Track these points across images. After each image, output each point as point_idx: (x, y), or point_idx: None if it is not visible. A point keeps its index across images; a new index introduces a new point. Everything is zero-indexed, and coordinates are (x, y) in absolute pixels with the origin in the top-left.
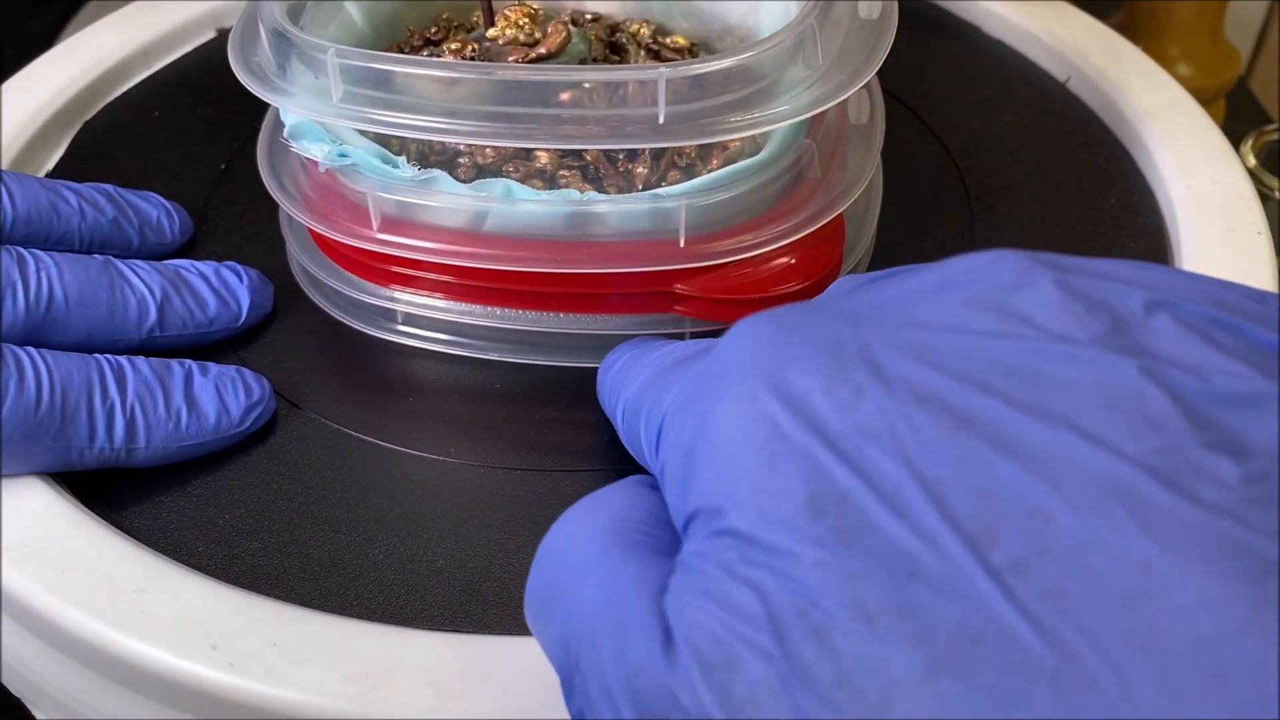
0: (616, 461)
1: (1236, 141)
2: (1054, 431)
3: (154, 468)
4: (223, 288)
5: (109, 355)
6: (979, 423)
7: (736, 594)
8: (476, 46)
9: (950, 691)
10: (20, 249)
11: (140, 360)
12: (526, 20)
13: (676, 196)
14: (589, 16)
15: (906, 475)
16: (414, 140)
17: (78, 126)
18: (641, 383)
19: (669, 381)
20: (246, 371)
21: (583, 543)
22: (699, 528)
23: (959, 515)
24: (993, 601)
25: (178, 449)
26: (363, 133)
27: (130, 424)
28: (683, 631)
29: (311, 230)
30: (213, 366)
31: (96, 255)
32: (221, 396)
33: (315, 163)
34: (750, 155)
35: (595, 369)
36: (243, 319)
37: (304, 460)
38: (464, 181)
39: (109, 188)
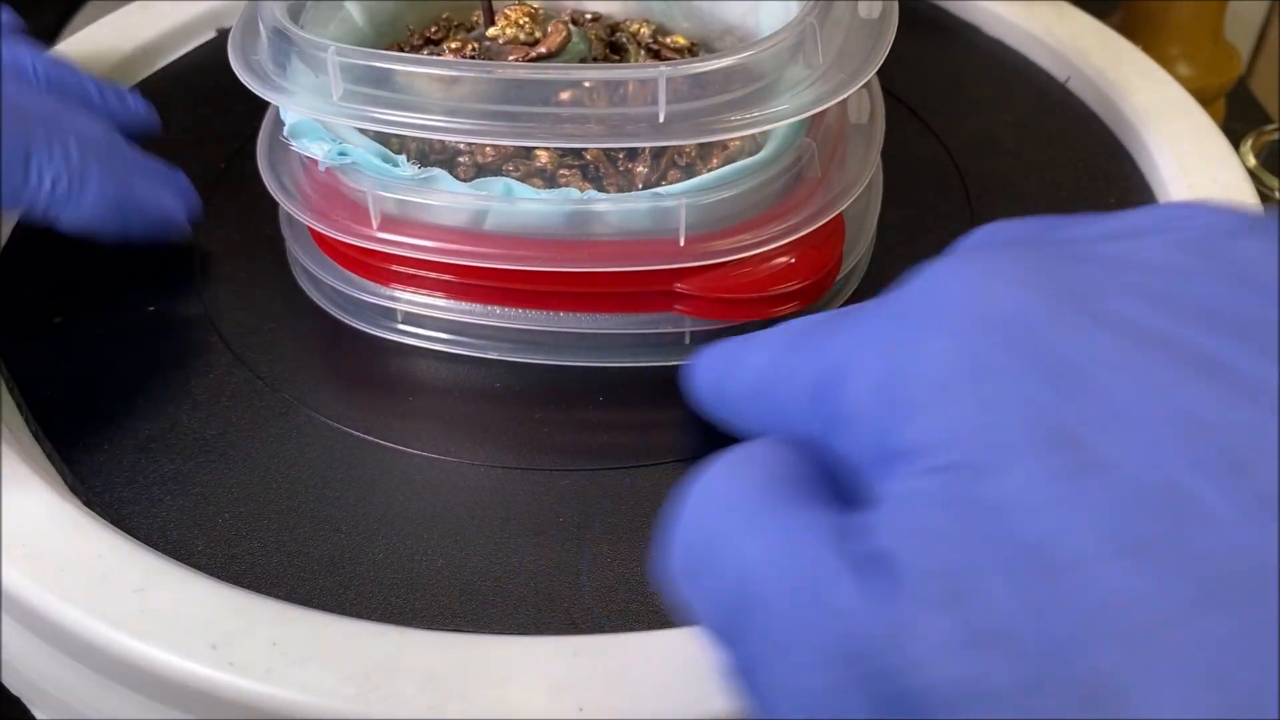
0: (617, 461)
1: (1236, 141)
2: None
3: (146, 454)
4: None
5: None
6: (1209, 362)
7: (970, 530)
8: (477, 46)
9: (1221, 624)
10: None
11: None
12: (527, 19)
13: (676, 196)
14: (589, 16)
15: (1144, 412)
16: (414, 139)
17: None
18: (780, 345)
19: (826, 335)
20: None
21: (742, 496)
22: (910, 465)
23: (1206, 450)
24: (1258, 533)
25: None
26: (363, 131)
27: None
28: (910, 568)
29: (311, 229)
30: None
31: None
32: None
33: (315, 161)
34: (750, 154)
35: (595, 368)
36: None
37: (304, 460)
38: (464, 180)
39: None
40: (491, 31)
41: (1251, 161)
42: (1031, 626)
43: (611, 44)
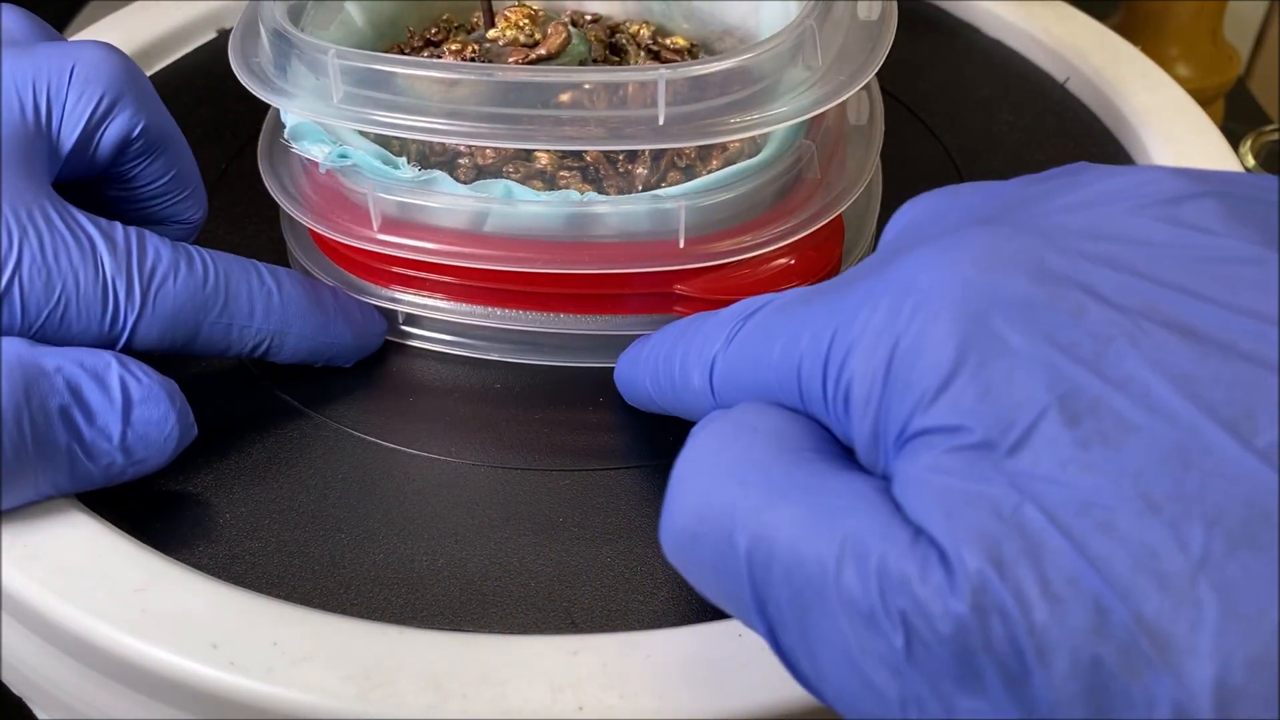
0: (617, 461)
1: (1236, 142)
2: (1269, 328)
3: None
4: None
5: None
6: (1198, 325)
7: (1008, 501)
8: (477, 47)
9: (1245, 567)
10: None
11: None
12: (527, 21)
13: (676, 197)
14: (589, 17)
15: (1153, 375)
16: (414, 141)
17: None
18: (750, 331)
19: (807, 317)
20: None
21: (760, 465)
22: (931, 444)
23: (1215, 405)
24: (1272, 478)
25: (319, 345)
26: (363, 134)
27: (286, 315)
28: (959, 538)
29: (312, 231)
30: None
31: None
32: (362, 310)
33: (316, 164)
34: (750, 156)
35: (595, 369)
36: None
37: (304, 460)
38: (464, 182)
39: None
40: (491, 33)
41: (1251, 162)
42: (1081, 587)
43: (611, 45)
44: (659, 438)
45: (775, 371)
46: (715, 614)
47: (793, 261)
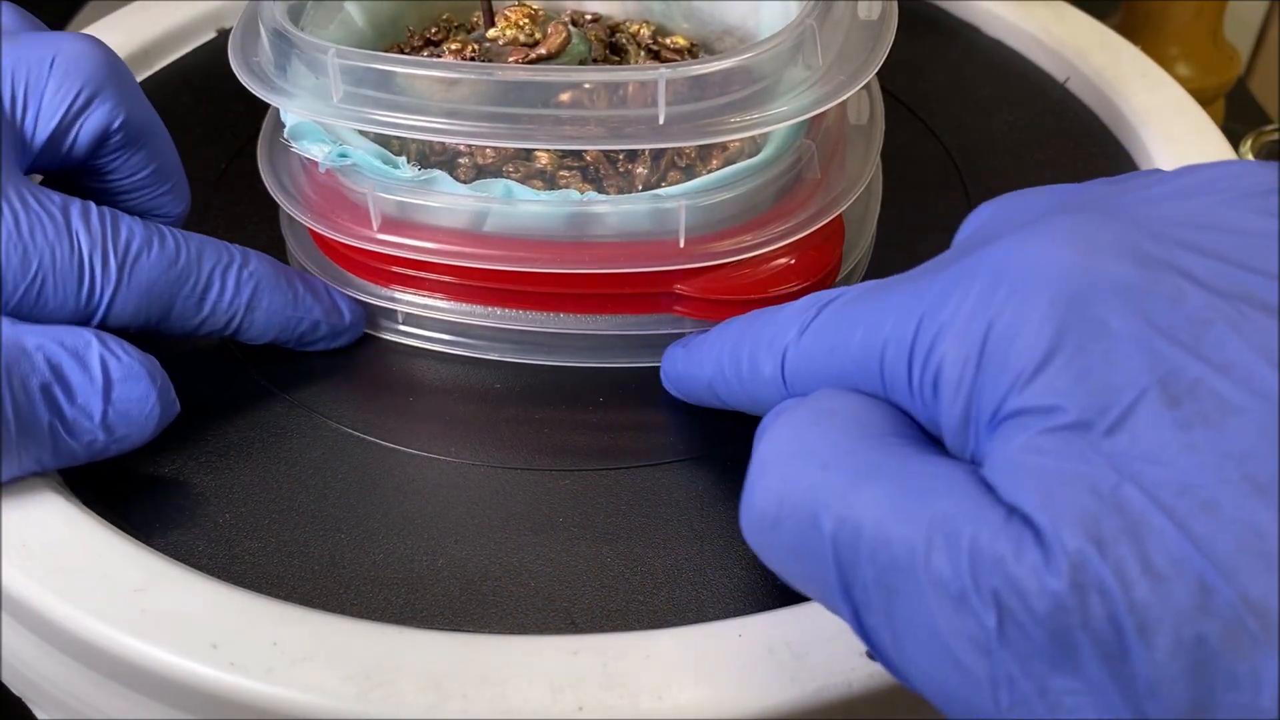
0: (617, 461)
1: (1236, 142)
2: None
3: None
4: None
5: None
6: None
7: (1107, 481)
8: (477, 47)
9: None
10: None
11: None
12: (527, 21)
13: (676, 197)
14: (589, 17)
15: (1255, 358)
16: (414, 141)
17: None
18: (826, 319)
19: (890, 304)
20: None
21: (843, 448)
22: (1026, 425)
23: None
24: None
25: (288, 321)
26: (363, 133)
27: (255, 288)
28: (1057, 517)
29: (312, 230)
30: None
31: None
32: (331, 294)
33: (315, 163)
34: (750, 156)
35: (595, 369)
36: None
37: (304, 460)
38: (464, 182)
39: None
40: (491, 33)
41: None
42: (1184, 567)
43: (611, 45)
44: (659, 438)
45: (855, 358)
46: (715, 614)
47: (793, 261)
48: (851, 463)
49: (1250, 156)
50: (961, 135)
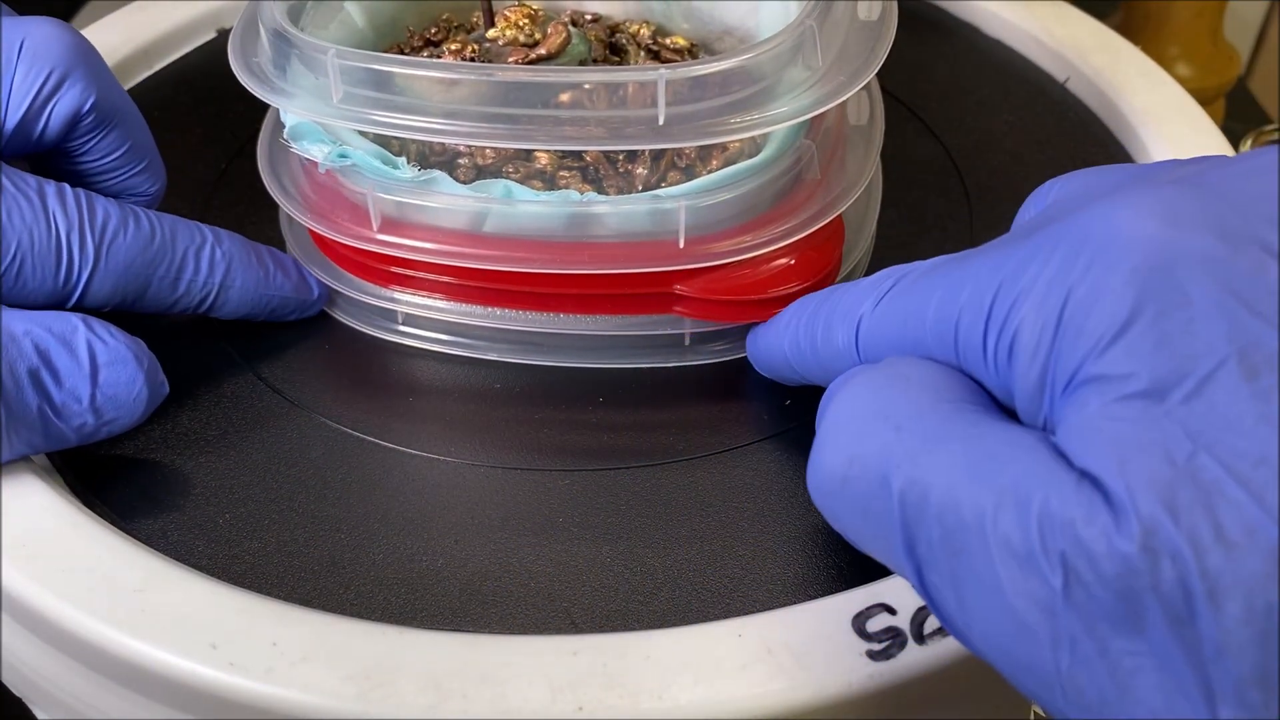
0: (617, 461)
1: (1236, 141)
2: None
3: (154, 459)
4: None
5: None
6: None
7: (1182, 449)
8: (476, 47)
9: None
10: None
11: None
12: (526, 21)
13: (676, 197)
14: (589, 17)
15: None
16: (414, 141)
17: None
18: (902, 289)
19: (967, 273)
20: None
21: (915, 411)
22: (1103, 391)
23: None
24: None
25: (260, 298)
26: (363, 133)
27: (229, 268)
28: (1131, 482)
29: (311, 231)
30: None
31: None
32: (301, 270)
33: (315, 163)
34: (750, 156)
35: (595, 369)
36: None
37: (304, 460)
38: (464, 182)
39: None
40: (491, 33)
41: None
42: (1259, 537)
43: (611, 45)
44: (659, 438)
45: (930, 327)
46: (715, 614)
47: (793, 261)
48: (923, 425)
49: None
50: (961, 135)
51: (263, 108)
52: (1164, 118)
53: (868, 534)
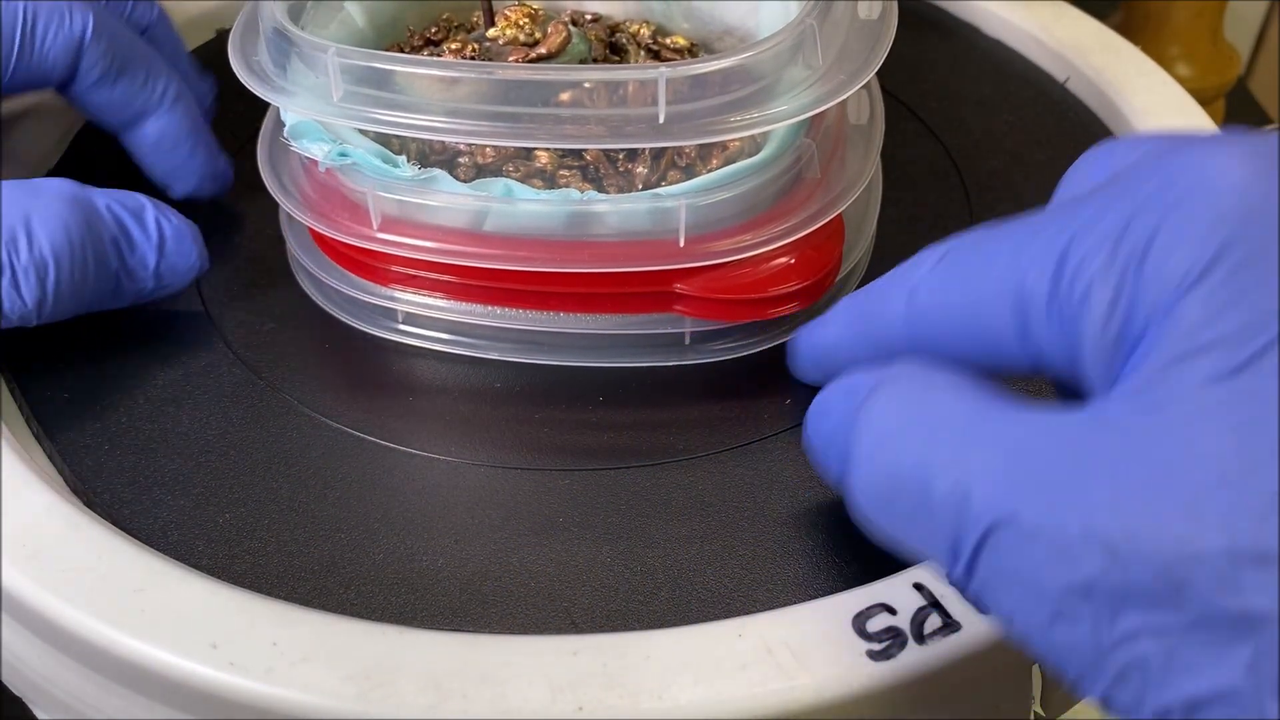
0: (617, 461)
1: None
2: None
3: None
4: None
5: None
6: None
7: (1247, 411)
8: (477, 47)
9: None
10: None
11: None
12: (527, 20)
13: (676, 196)
14: (589, 17)
15: None
16: (414, 140)
17: (80, 125)
18: (961, 249)
19: (1033, 228)
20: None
21: (957, 415)
22: (1172, 347)
23: None
24: None
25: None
26: (363, 132)
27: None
28: (1185, 449)
29: (312, 230)
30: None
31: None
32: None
33: (315, 162)
34: (750, 155)
35: (595, 368)
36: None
37: (304, 460)
38: (464, 181)
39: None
40: (491, 32)
41: None
42: None
43: (611, 45)
44: (659, 438)
45: (993, 284)
46: (715, 614)
47: (793, 261)
48: (961, 432)
49: None
50: (961, 135)
51: (263, 106)
52: (1164, 118)
53: (915, 539)
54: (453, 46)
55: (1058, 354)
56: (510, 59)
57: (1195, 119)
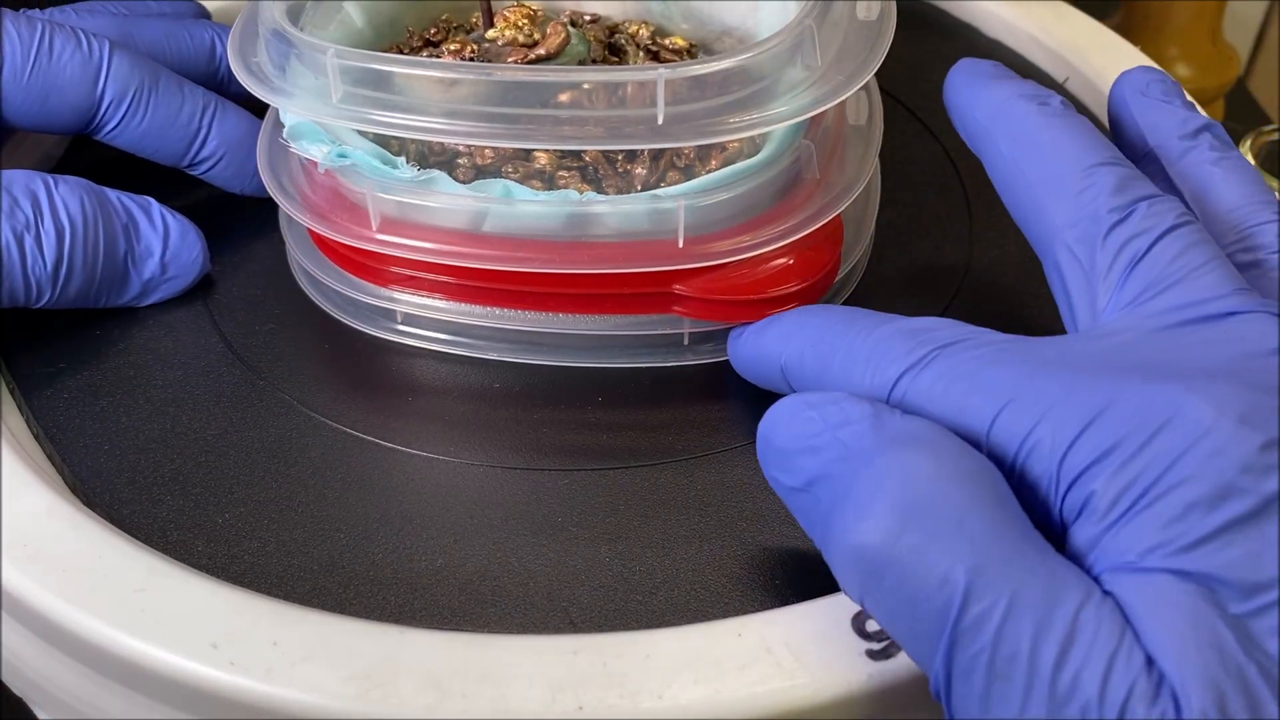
0: (617, 461)
1: (1235, 142)
2: None
3: (145, 459)
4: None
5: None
6: None
7: (1235, 657)
8: (476, 47)
9: None
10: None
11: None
12: (526, 21)
13: (675, 197)
14: (588, 17)
15: None
16: (413, 141)
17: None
18: (951, 372)
19: (1046, 390)
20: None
21: (991, 528)
22: (1176, 582)
23: None
24: None
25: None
26: (362, 133)
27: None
28: (1192, 680)
29: (311, 230)
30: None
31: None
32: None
33: (315, 163)
34: (749, 156)
35: (594, 369)
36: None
37: (304, 460)
38: (463, 182)
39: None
40: (490, 33)
41: (1250, 162)
42: None
43: (610, 45)
44: (659, 438)
45: (992, 438)
46: (715, 614)
47: (792, 261)
48: (997, 544)
49: (1250, 156)
50: (960, 136)
51: (262, 107)
52: None
53: (899, 613)
54: (451, 47)
55: (1035, 497)
56: (509, 60)
57: None
